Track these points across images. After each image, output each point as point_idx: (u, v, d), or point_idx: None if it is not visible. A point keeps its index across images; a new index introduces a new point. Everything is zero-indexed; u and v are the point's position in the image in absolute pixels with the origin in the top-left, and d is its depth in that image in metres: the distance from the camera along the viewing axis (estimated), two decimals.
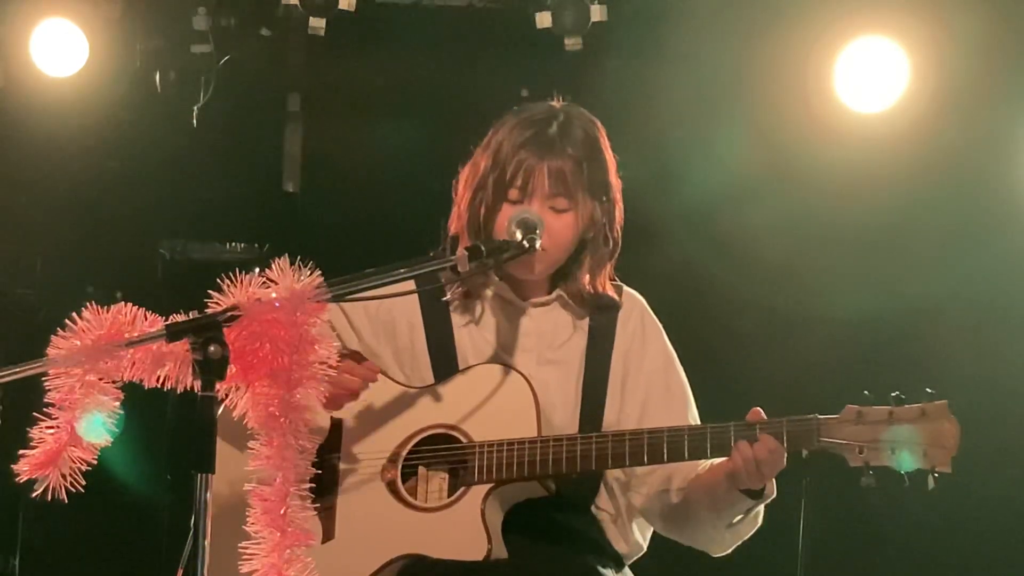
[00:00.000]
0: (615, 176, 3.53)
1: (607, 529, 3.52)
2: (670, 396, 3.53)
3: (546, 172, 3.41)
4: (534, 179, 3.41)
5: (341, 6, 5.60)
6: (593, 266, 3.51)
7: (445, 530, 3.32)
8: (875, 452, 3.19)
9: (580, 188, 3.43)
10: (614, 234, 3.52)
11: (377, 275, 2.92)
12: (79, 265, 5.99)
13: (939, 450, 3.15)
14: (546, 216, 3.39)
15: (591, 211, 3.46)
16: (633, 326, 3.56)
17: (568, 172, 3.42)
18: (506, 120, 3.51)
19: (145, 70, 5.81)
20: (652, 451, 3.28)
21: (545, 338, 3.52)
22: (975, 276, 5.51)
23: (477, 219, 3.44)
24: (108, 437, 2.62)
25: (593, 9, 5.64)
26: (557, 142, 3.44)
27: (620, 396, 3.50)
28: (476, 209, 3.45)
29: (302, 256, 2.71)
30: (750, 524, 3.43)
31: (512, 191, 3.41)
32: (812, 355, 5.62)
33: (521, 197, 3.41)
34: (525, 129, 3.46)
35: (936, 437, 3.16)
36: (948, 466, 3.15)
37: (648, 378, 3.53)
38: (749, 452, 3.21)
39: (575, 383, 3.49)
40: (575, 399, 3.48)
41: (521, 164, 3.41)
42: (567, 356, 3.52)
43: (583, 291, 3.51)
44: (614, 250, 3.54)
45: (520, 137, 3.45)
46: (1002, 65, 5.52)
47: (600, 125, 3.55)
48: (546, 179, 3.41)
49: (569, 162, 3.42)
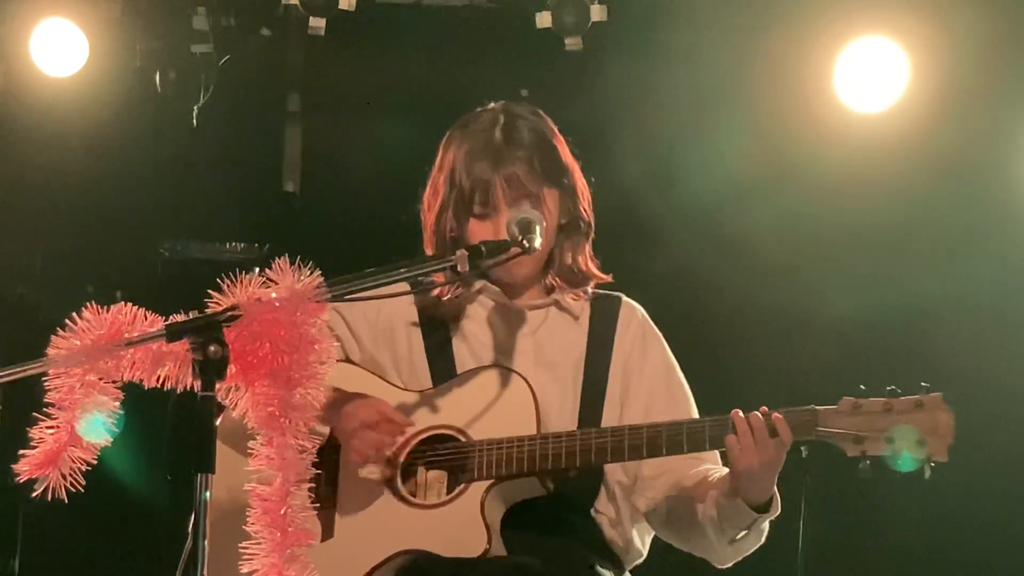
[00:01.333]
0: (570, 158, 3.54)
1: (605, 532, 3.50)
2: (673, 403, 3.52)
3: (502, 181, 3.44)
4: (493, 192, 3.44)
5: (341, 6, 5.60)
6: (572, 247, 3.53)
7: (444, 526, 3.32)
8: (872, 442, 3.20)
9: (538, 183, 3.45)
10: (583, 213, 3.54)
11: (377, 275, 2.93)
12: (79, 265, 5.99)
13: (936, 439, 3.17)
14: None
15: (556, 199, 3.48)
16: (633, 333, 3.55)
17: (523, 175, 3.44)
18: (452, 137, 3.55)
19: (145, 70, 5.81)
20: (651, 444, 3.28)
21: (541, 340, 3.52)
22: (975, 276, 5.51)
23: (445, 241, 3.48)
24: (108, 437, 2.62)
25: (593, 9, 5.64)
26: (504, 149, 3.46)
27: (620, 404, 3.49)
28: (443, 231, 3.49)
29: (302, 256, 2.71)
30: (753, 540, 3.41)
31: (475, 207, 3.45)
32: (812, 354, 5.62)
33: (484, 211, 3.45)
34: (472, 142, 3.49)
35: (932, 427, 3.17)
36: (944, 455, 3.17)
37: (650, 385, 3.52)
38: (745, 425, 3.19)
39: (572, 388, 3.48)
40: (573, 405, 3.47)
41: (477, 181, 3.44)
42: (564, 360, 3.51)
43: (571, 274, 3.52)
44: (588, 229, 3.55)
45: (468, 152, 3.48)
46: (1002, 65, 5.53)
47: (542, 113, 3.57)
48: (504, 189, 3.44)
49: (522, 164, 3.45)
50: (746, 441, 3.20)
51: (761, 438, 3.20)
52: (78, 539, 5.82)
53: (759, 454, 3.20)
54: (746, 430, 3.20)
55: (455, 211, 3.47)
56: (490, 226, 3.43)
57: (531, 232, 3.25)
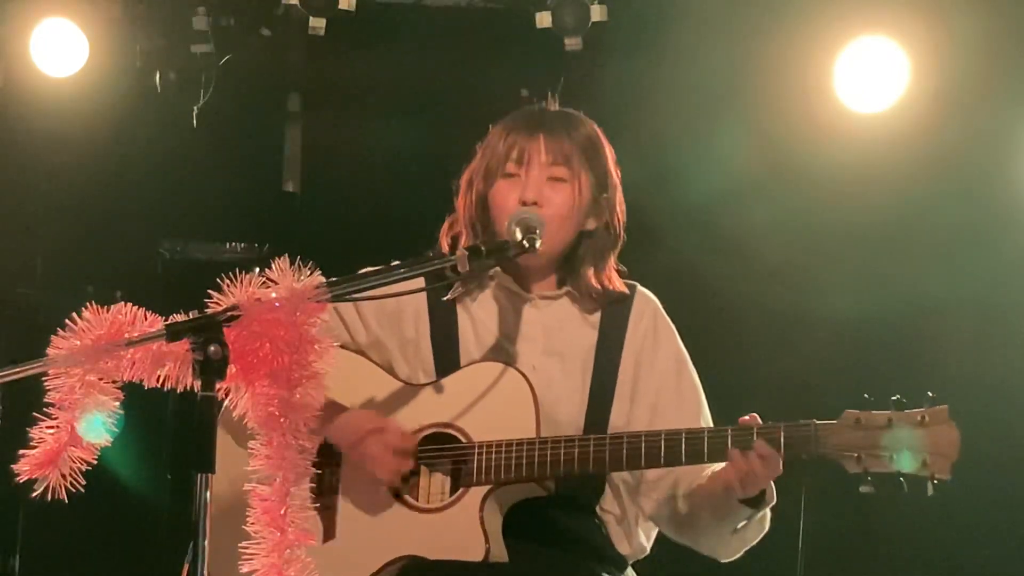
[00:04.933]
0: (615, 168, 3.53)
1: (611, 531, 3.50)
2: (681, 400, 3.50)
3: (543, 142, 3.44)
4: (530, 149, 3.44)
5: (341, 6, 5.60)
6: (596, 258, 3.50)
7: (443, 531, 3.32)
8: (874, 459, 3.13)
9: (579, 161, 3.44)
10: (615, 227, 3.51)
11: (377, 275, 2.93)
12: (79, 265, 5.99)
13: (939, 457, 3.10)
14: (545, 189, 3.41)
15: (590, 188, 3.46)
16: (645, 327, 3.53)
17: (565, 143, 3.45)
18: (497, 123, 3.55)
19: (145, 70, 5.81)
20: (649, 455, 3.26)
21: (551, 330, 3.50)
22: (975, 276, 5.51)
23: (472, 205, 3.47)
24: (108, 437, 2.62)
25: (593, 9, 5.64)
26: (553, 121, 3.49)
27: (629, 398, 3.48)
28: (472, 195, 3.48)
29: (302, 256, 2.71)
30: (756, 529, 3.40)
31: (508, 164, 3.44)
32: (812, 354, 5.62)
33: (518, 169, 3.43)
34: (520, 116, 3.52)
35: (936, 444, 3.10)
36: (948, 473, 3.10)
37: (659, 381, 3.50)
38: (742, 463, 3.18)
39: (582, 379, 3.47)
40: (582, 396, 3.46)
41: (516, 140, 3.45)
42: (574, 350, 3.49)
43: (590, 286, 3.49)
44: (616, 242, 3.53)
45: (514, 121, 3.50)
46: (1002, 65, 5.52)
47: (596, 126, 3.56)
48: (543, 148, 3.44)
49: (565, 137, 3.45)
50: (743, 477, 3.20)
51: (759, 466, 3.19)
52: (78, 539, 5.82)
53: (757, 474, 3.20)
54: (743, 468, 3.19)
55: (487, 171, 3.46)
56: (517, 185, 3.42)
57: (532, 232, 3.25)
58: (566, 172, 3.43)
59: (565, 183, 3.43)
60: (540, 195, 3.40)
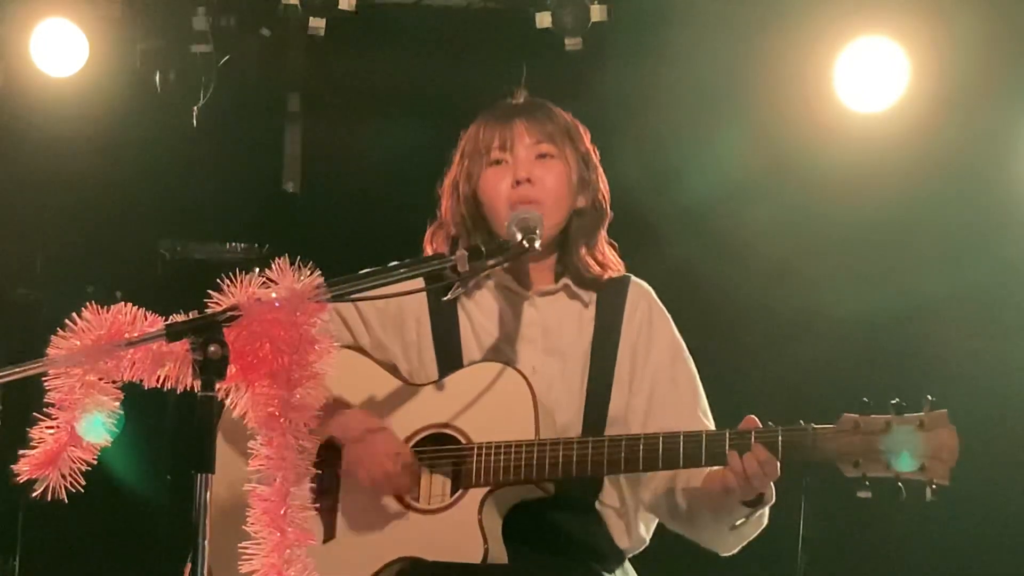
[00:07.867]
0: (592, 149, 3.56)
1: (611, 524, 3.51)
2: (677, 390, 3.51)
3: (523, 125, 3.47)
4: (512, 133, 3.47)
5: (341, 6, 5.60)
6: (587, 235, 3.52)
7: (443, 533, 3.32)
8: (872, 464, 3.12)
9: (561, 136, 3.48)
10: (601, 203, 3.54)
11: (377, 275, 2.92)
12: (79, 265, 5.99)
13: (937, 463, 3.07)
14: (535, 169, 3.43)
15: (575, 163, 3.49)
16: (640, 317, 3.54)
17: (546, 124, 3.49)
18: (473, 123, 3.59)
19: (145, 70, 5.80)
20: (647, 458, 3.26)
21: (550, 329, 3.51)
22: (975, 276, 5.51)
23: (461, 204, 3.48)
24: (108, 437, 2.62)
25: (593, 9, 5.64)
26: (526, 107, 3.53)
27: (627, 389, 3.49)
28: (459, 195, 3.49)
29: (302, 256, 2.71)
30: (754, 525, 3.40)
31: (493, 152, 3.46)
32: (812, 354, 5.62)
33: (503, 154, 3.46)
34: (492, 110, 3.56)
35: (935, 449, 3.07)
36: (947, 479, 3.08)
37: (655, 371, 3.51)
38: (740, 467, 3.17)
39: (580, 375, 3.48)
40: (580, 391, 3.47)
41: (495, 129, 3.48)
42: (572, 347, 3.50)
43: (586, 264, 3.51)
44: (603, 218, 3.55)
45: (487, 115, 3.54)
46: (1002, 65, 5.52)
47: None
48: (524, 130, 3.47)
49: (544, 118, 3.49)
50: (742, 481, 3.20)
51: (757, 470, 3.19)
52: (78, 539, 5.82)
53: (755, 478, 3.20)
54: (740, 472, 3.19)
55: (471, 166, 3.48)
56: (506, 170, 3.44)
57: (532, 232, 3.25)
58: (552, 148, 3.47)
59: (555, 159, 3.47)
60: (531, 173, 3.43)
